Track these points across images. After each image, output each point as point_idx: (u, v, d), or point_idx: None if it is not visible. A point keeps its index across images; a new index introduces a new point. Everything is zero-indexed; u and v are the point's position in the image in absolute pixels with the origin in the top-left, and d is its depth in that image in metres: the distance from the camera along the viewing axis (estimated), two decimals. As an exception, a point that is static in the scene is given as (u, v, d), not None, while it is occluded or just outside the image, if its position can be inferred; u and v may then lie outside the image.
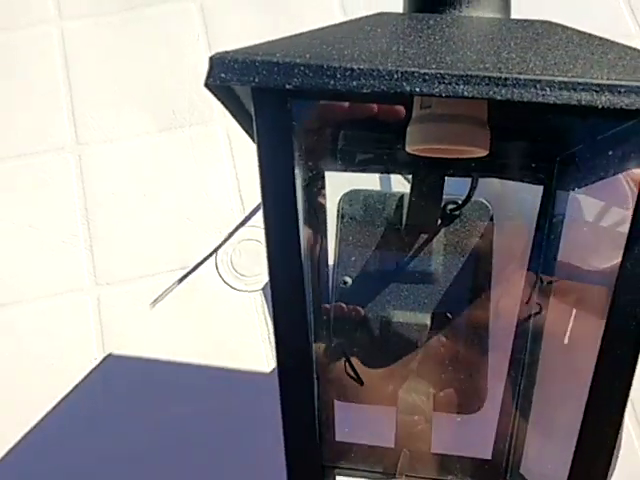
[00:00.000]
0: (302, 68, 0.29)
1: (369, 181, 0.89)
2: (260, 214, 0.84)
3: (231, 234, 0.83)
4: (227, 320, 0.79)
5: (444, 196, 0.69)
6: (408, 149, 0.40)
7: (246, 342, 0.78)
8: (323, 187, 0.62)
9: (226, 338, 0.79)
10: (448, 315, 0.75)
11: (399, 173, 0.75)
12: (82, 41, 0.92)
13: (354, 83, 0.28)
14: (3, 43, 0.92)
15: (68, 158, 0.87)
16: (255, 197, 0.84)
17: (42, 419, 0.77)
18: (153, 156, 0.87)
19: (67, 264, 0.83)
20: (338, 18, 0.92)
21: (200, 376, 0.78)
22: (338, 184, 0.65)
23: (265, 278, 0.81)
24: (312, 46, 0.31)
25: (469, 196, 0.71)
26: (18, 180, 0.86)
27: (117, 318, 0.80)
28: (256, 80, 0.29)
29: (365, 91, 0.28)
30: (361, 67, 0.28)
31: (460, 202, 0.75)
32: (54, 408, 0.78)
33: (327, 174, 0.59)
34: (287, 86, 0.29)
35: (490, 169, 0.67)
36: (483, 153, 0.39)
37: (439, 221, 0.75)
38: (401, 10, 0.41)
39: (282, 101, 0.32)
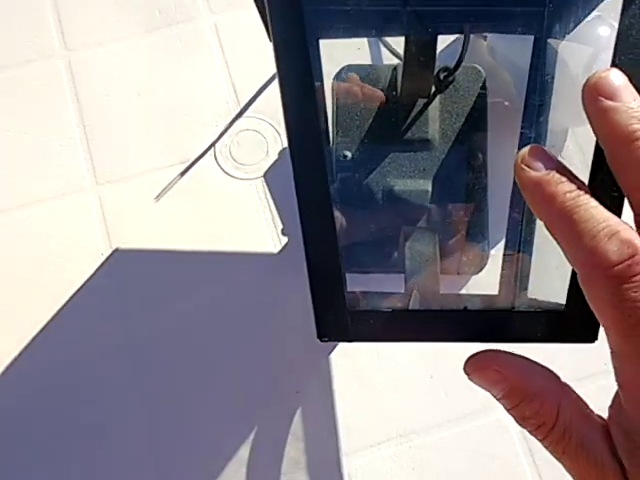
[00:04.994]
0: None
1: (361, 59, 0.90)
2: (256, 105, 0.85)
3: (228, 126, 0.84)
4: (230, 208, 0.80)
5: (436, 63, 0.70)
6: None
7: (251, 227, 0.79)
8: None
9: (231, 226, 0.80)
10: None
11: (390, 35, 0.76)
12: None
13: None
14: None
15: (58, 65, 0.86)
16: (249, 89, 0.85)
17: (52, 318, 0.78)
18: (143, 57, 0.87)
19: (66, 167, 0.83)
20: None
21: (207, 263, 0.79)
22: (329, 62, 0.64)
23: (265, 165, 0.82)
24: None
25: (461, 57, 0.72)
26: (8, 91, 0.86)
27: (121, 215, 0.81)
28: None
29: None
30: None
31: (452, 67, 0.76)
32: (63, 306, 0.79)
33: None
34: None
35: (482, 18, 0.68)
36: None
37: (433, 88, 0.77)
38: None
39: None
